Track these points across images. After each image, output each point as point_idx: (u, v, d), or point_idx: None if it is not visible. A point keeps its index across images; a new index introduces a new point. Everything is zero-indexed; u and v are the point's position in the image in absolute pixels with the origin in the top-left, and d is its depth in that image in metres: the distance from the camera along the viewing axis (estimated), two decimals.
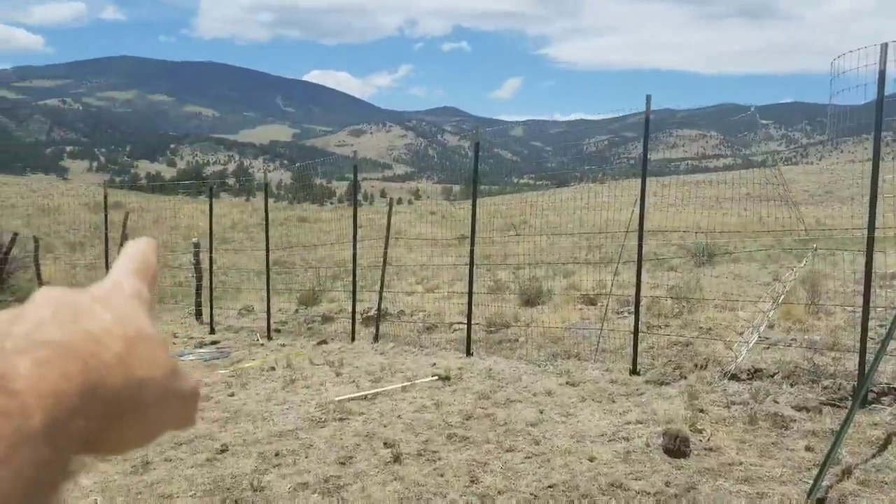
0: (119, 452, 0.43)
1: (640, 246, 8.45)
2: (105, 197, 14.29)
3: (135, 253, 0.51)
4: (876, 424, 6.02)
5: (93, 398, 0.38)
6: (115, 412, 0.40)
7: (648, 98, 8.01)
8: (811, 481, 4.84)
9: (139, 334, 0.42)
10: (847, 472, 5.10)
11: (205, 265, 14.60)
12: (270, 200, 13.54)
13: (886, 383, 6.66)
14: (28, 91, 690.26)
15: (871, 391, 6.39)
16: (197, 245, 14.81)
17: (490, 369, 8.59)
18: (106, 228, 13.98)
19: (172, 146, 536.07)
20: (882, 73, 6.01)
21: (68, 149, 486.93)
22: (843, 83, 6.57)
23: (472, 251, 9.96)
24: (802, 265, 8.81)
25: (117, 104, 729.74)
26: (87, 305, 0.42)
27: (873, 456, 5.42)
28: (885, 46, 6.07)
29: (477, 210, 10.04)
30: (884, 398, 6.48)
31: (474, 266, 10.17)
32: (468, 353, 9.53)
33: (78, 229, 27.18)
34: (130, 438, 0.43)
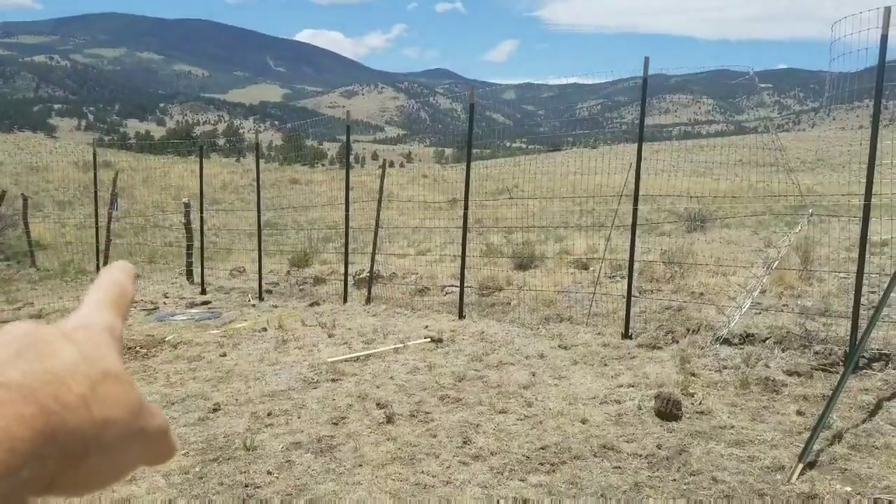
0: (84, 493, 0.41)
1: (635, 210, 8.41)
2: (94, 156, 14.13)
3: (109, 282, 0.49)
4: (867, 390, 6.07)
5: (51, 442, 0.37)
6: (76, 454, 0.38)
7: (646, 60, 7.91)
8: (802, 445, 4.87)
9: (105, 373, 0.41)
10: (838, 437, 5.14)
11: (195, 225, 14.50)
12: (261, 161, 13.41)
13: (877, 349, 6.70)
14: (15, 47, 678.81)
15: (862, 357, 6.42)
16: (188, 205, 14.68)
17: (482, 332, 8.60)
18: (95, 188, 13.84)
19: (162, 105, 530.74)
20: (884, 38, 5.93)
21: (56, 107, 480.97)
22: (843, 48, 6.50)
23: (465, 214, 9.91)
24: (798, 231, 8.80)
25: (105, 62, 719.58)
26: (52, 342, 0.41)
27: (864, 421, 5.46)
28: (888, 10, 5.98)
29: (470, 173, 9.96)
30: (874, 364, 6.52)
31: (467, 230, 10.12)
32: (461, 315, 9.53)
33: (67, 188, 26.95)
34: (95, 478, 0.41)
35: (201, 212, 13.92)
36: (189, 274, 14.33)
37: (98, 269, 13.45)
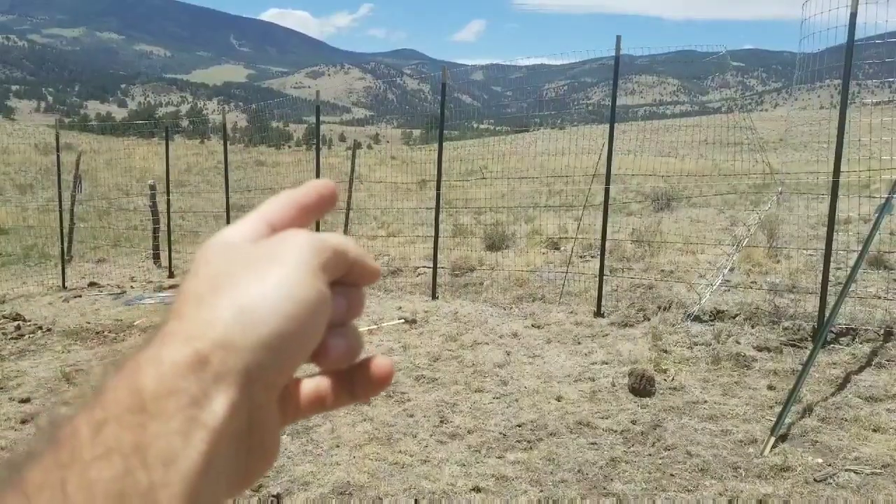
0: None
1: (606, 190, 8.45)
2: (57, 138, 13.78)
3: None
4: (835, 364, 6.19)
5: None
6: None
7: (618, 39, 7.91)
8: (773, 419, 4.96)
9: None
10: (808, 410, 5.24)
11: (161, 208, 14.28)
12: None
13: (844, 324, 6.83)
14: None
15: (830, 332, 6.54)
16: (153, 187, 14.44)
17: (456, 312, 8.60)
18: (59, 170, 13.51)
19: (123, 86, 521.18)
20: (853, 16, 5.99)
21: (14, 88, 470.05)
22: (812, 27, 6.56)
23: (438, 195, 9.87)
24: (767, 208, 8.91)
25: (64, 41, 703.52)
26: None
27: (833, 394, 5.57)
28: None
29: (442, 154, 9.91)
30: (842, 339, 6.65)
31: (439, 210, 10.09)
32: (434, 296, 9.52)
33: (28, 171, 26.33)
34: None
35: (168, 194, 13.70)
36: (156, 257, 14.11)
37: (62, 253, 13.18)
